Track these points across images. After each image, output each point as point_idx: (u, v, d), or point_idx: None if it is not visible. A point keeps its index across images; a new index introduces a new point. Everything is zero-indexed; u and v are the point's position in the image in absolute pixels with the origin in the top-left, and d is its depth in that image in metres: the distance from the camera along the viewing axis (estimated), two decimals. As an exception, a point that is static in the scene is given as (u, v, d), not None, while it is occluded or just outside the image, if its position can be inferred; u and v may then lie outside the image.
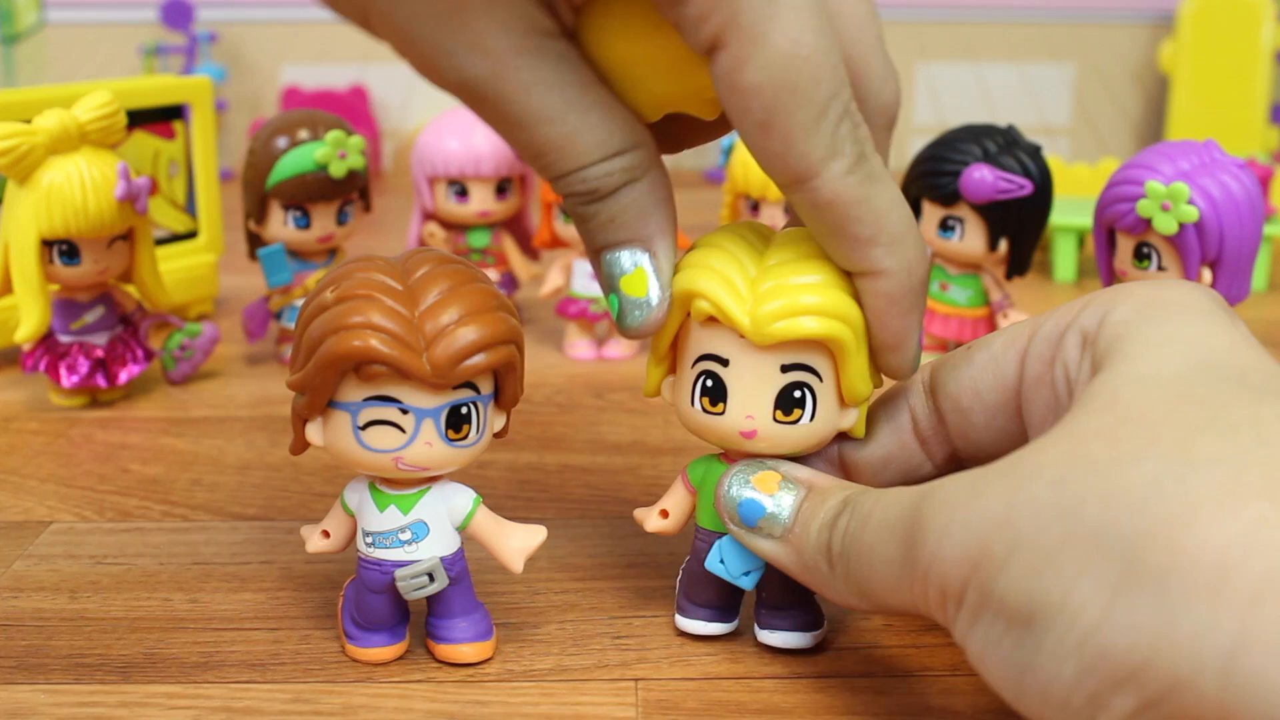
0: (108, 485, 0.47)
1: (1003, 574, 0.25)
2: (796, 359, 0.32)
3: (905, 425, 0.35)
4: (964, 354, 0.34)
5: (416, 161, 0.64)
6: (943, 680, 0.34)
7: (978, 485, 0.27)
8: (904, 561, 0.28)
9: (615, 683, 0.34)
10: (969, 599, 0.26)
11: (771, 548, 0.32)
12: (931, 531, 0.27)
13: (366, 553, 0.34)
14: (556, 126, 0.30)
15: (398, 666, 0.34)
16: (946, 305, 0.59)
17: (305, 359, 0.32)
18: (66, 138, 0.50)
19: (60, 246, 0.52)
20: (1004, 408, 0.32)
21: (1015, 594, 0.25)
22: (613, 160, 0.31)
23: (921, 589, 0.28)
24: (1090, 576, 0.24)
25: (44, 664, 0.34)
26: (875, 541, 0.29)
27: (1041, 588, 0.24)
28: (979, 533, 0.26)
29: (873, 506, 0.30)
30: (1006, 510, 0.25)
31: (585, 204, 0.32)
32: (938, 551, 0.27)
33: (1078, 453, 0.25)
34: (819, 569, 0.31)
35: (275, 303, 0.59)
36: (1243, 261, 0.46)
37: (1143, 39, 1.20)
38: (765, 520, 0.32)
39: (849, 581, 0.30)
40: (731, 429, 0.33)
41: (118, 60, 1.14)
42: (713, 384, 0.33)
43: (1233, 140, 1.01)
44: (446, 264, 0.32)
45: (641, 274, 0.32)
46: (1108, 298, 0.30)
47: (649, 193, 0.32)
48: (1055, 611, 0.24)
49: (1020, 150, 0.55)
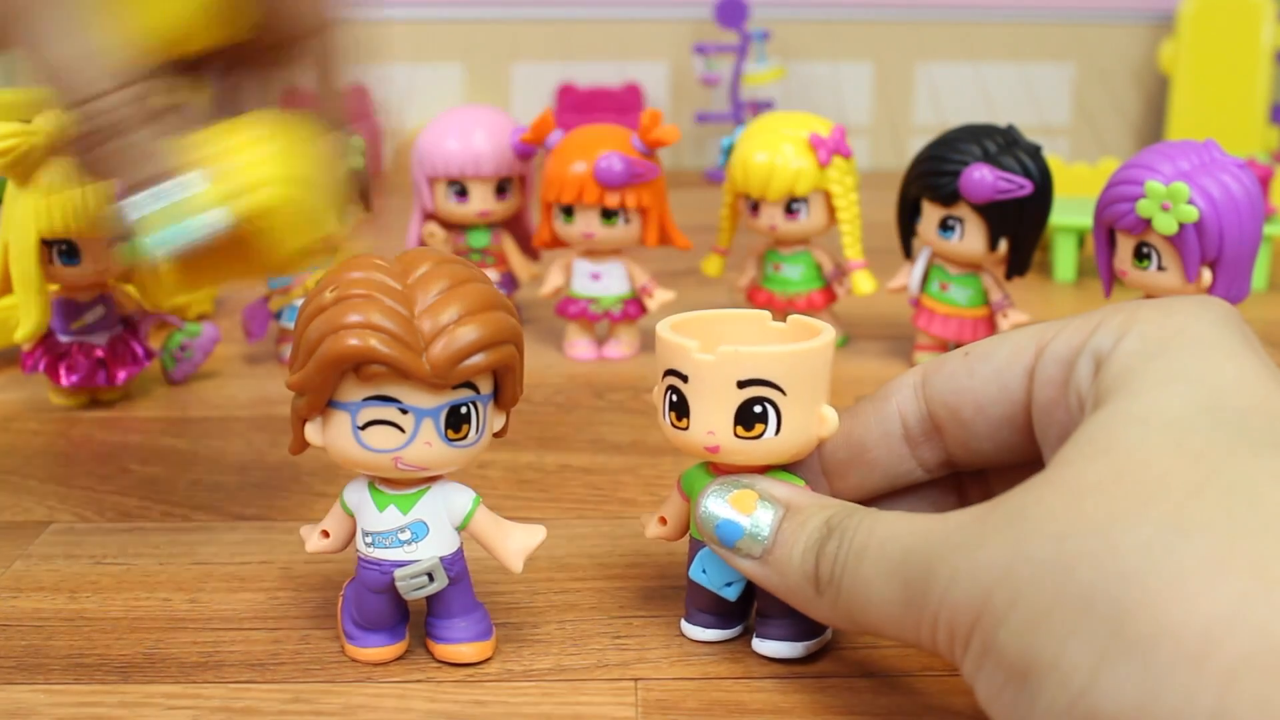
0: (108, 485, 0.47)
1: (1003, 627, 0.25)
2: (754, 373, 0.32)
3: (894, 430, 0.34)
4: (962, 363, 0.33)
5: (416, 161, 0.65)
6: (943, 680, 0.34)
7: (982, 534, 0.27)
8: (908, 602, 0.28)
9: (615, 682, 0.34)
10: (973, 646, 0.26)
11: (752, 567, 0.32)
12: (939, 579, 0.27)
13: (366, 553, 0.34)
14: None
15: (397, 666, 0.34)
16: (946, 305, 0.59)
17: (305, 359, 0.32)
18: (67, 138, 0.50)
19: (60, 246, 0.52)
20: (1009, 423, 0.32)
21: (1013, 648, 0.25)
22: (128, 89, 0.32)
23: (930, 630, 0.28)
24: (1080, 638, 0.24)
25: (43, 664, 0.34)
26: (873, 576, 0.29)
27: (1036, 645, 0.25)
28: (983, 583, 0.26)
29: (867, 539, 0.30)
30: (1008, 564, 0.26)
31: None
32: (946, 598, 0.27)
33: (1076, 508, 0.25)
34: (803, 592, 0.31)
35: (275, 303, 0.59)
36: (1243, 261, 0.46)
37: (1143, 39, 1.20)
38: (744, 541, 0.32)
39: (838, 609, 0.30)
40: (697, 444, 0.33)
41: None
42: (677, 399, 0.33)
43: (1233, 140, 1.01)
44: (446, 264, 0.32)
45: None
46: (1120, 322, 0.29)
47: None
48: (1048, 670, 0.24)
49: (1020, 150, 0.55)
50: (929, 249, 0.58)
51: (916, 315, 0.60)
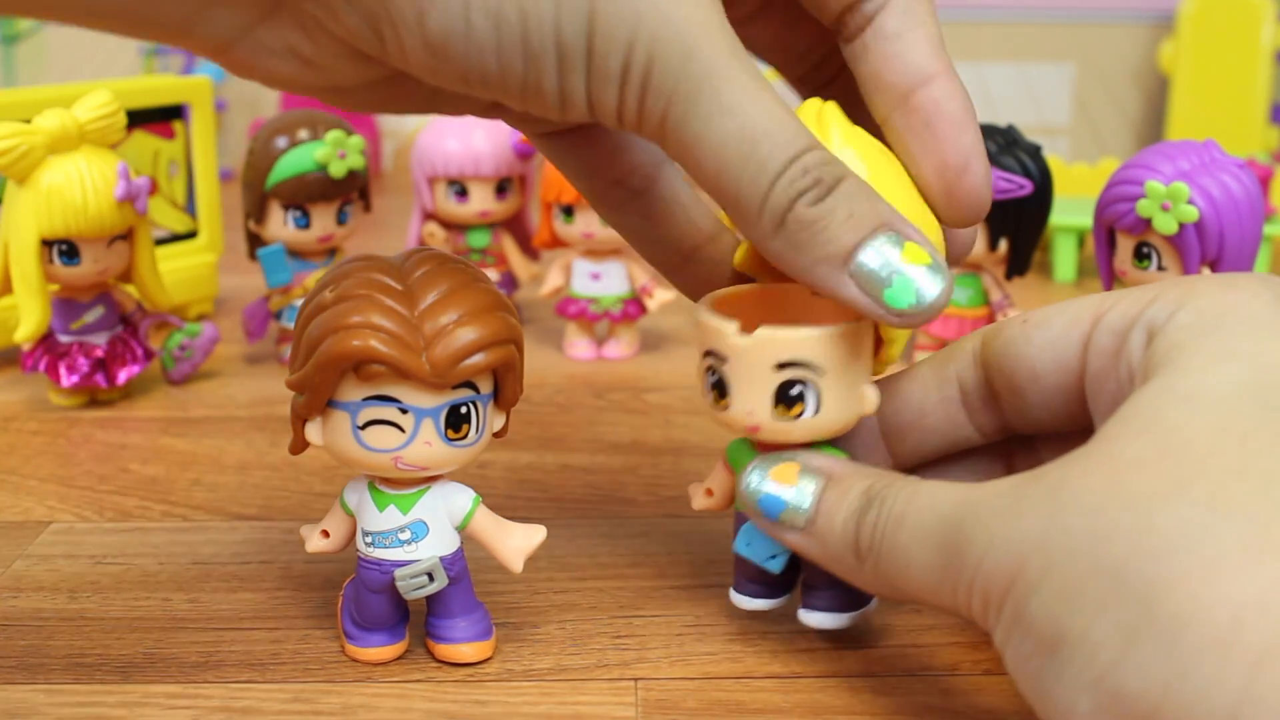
0: (107, 485, 0.47)
1: (1035, 596, 0.25)
2: (791, 355, 0.32)
3: (953, 395, 0.34)
4: (1020, 329, 0.33)
5: (416, 161, 0.65)
6: (943, 680, 0.34)
7: (1020, 503, 0.27)
8: (945, 568, 0.28)
9: (615, 682, 0.34)
10: (1005, 613, 0.26)
11: (796, 538, 0.32)
12: (975, 544, 0.27)
13: (366, 552, 0.34)
14: (762, 109, 0.28)
15: (397, 666, 0.34)
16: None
17: (305, 359, 0.32)
18: (66, 138, 0.50)
19: (60, 246, 0.52)
20: (1062, 391, 0.32)
21: (1043, 618, 0.25)
22: (819, 149, 0.29)
23: (965, 596, 0.27)
24: (1109, 614, 0.24)
25: (44, 664, 0.34)
26: (911, 543, 0.29)
27: (1066, 617, 0.25)
28: (1019, 551, 0.26)
29: (905, 506, 0.30)
30: (1044, 534, 0.26)
31: (815, 201, 0.29)
32: (981, 564, 0.27)
33: (1116, 482, 0.25)
34: (845, 560, 0.31)
35: (275, 303, 0.59)
36: (1243, 261, 0.46)
37: (1143, 39, 1.19)
38: (787, 513, 0.32)
39: (879, 576, 0.30)
40: (738, 423, 0.33)
41: (118, 60, 1.14)
42: (716, 380, 0.33)
43: (1233, 140, 1.01)
44: (446, 264, 0.32)
45: (914, 245, 0.30)
46: (1177, 295, 0.29)
47: (860, 182, 0.30)
48: (1076, 643, 0.24)
49: (1020, 150, 0.55)
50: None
51: (916, 315, 0.60)
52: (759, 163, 0.29)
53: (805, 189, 0.29)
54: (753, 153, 0.28)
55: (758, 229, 0.30)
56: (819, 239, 0.29)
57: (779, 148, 0.29)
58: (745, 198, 0.29)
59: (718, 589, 0.38)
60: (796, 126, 0.29)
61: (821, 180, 0.29)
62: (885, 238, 0.29)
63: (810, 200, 0.29)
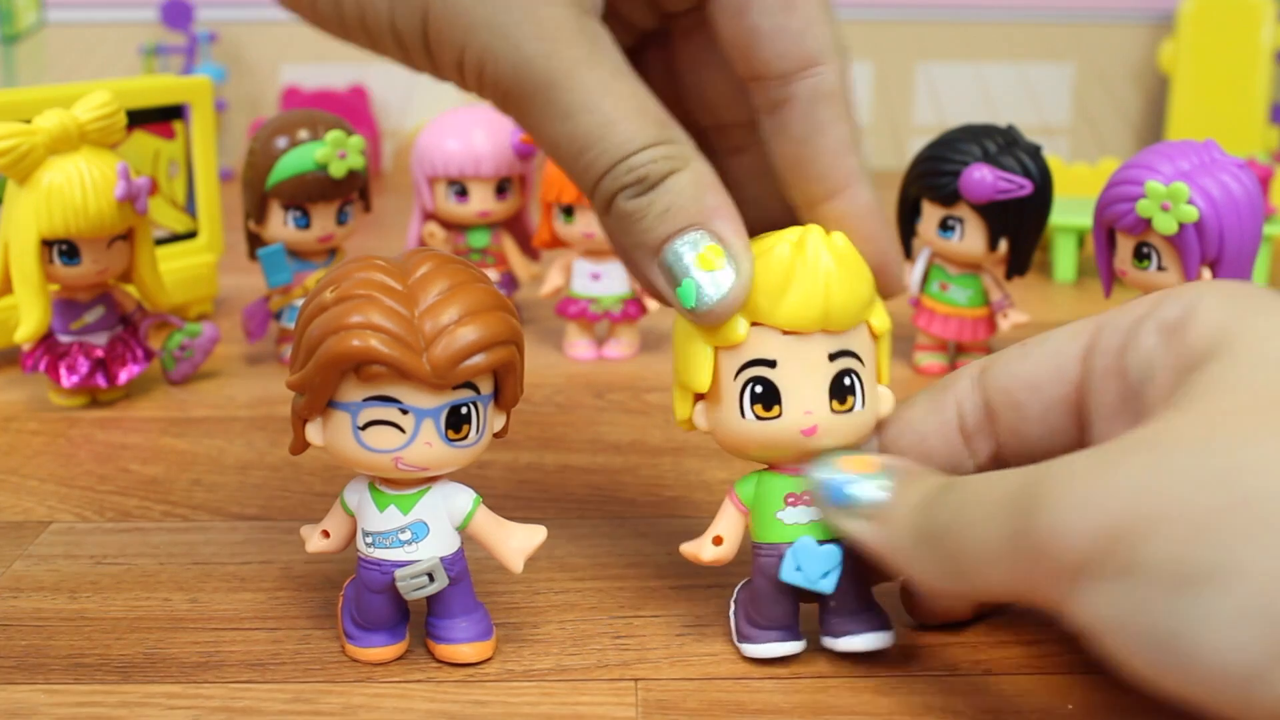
0: (108, 485, 0.47)
1: (1150, 542, 0.25)
2: (841, 345, 0.32)
3: (951, 421, 0.34)
4: (1019, 349, 0.34)
5: (416, 161, 0.64)
6: (943, 680, 0.34)
7: (1105, 461, 0.26)
8: (1012, 536, 0.27)
9: (615, 683, 0.34)
10: (1103, 569, 0.26)
11: (862, 526, 0.32)
12: (1051, 506, 0.27)
13: (366, 553, 0.34)
14: (597, 115, 0.30)
15: (397, 666, 0.34)
16: (946, 305, 0.59)
17: (305, 359, 0.32)
18: (66, 138, 0.50)
19: (60, 246, 0.52)
20: (1060, 403, 0.33)
21: (1170, 560, 0.25)
22: (656, 148, 0.31)
23: (1028, 564, 0.27)
24: (1258, 542, 0.24)
25: (44, 664, 0.34)
26: (977, 518, 0.29)
27: (1201, 554, 0.24)
28: (1117, 504, 0.26)
29: (975, 485, 0.30)
30: (1148, 480, 0.25)
31: (636, 195, 0.31)
32: (1059, 525, 0.26)
33: (1220, 429, 0.25)
34: (908, 547, 0.31)
35: (275, 303, 0.59)
36: (1243, 261, 0.46)
37: (1143, 39, 1.19)
38: (858, 500, 0.32)
39: (941, 559, 0.30)
40: (792, 430, 0.32)
41: (118, 60, 1.14)
42: (763, 389, 0.32)
43: (1233, 140, 1.01)
44: (446, 264, 0.32)
45: (715, 249, 0.31)
46: (1186, 291, 0.30)
47: (697, 179, 0.31)
48: (1227, 576, 0.24)
49: (1020, 150, 0.55)
50: (929, 249, 0.58)
51: (916, 315, 0.60)
52: (585, 164, 0.31)
53: (628, 184, 0.31)
54: (580, 155, 0.31)
55: (594, 208, 0.32)
56: (635, 228, 0.31)
57: (605, 154, 0.31)
58: (579, 185, 0.32)
59: (718, 589, 0.38)
60: (633, 129, 0.30)
61: (646, 177, 0.31)
62: (693, 236, 0.31)
63: (630, 195, 0.31)
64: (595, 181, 0.31)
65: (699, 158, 0.32)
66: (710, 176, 0.32)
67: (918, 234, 0.58)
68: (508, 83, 0.30)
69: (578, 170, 0.31)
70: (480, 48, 0.30)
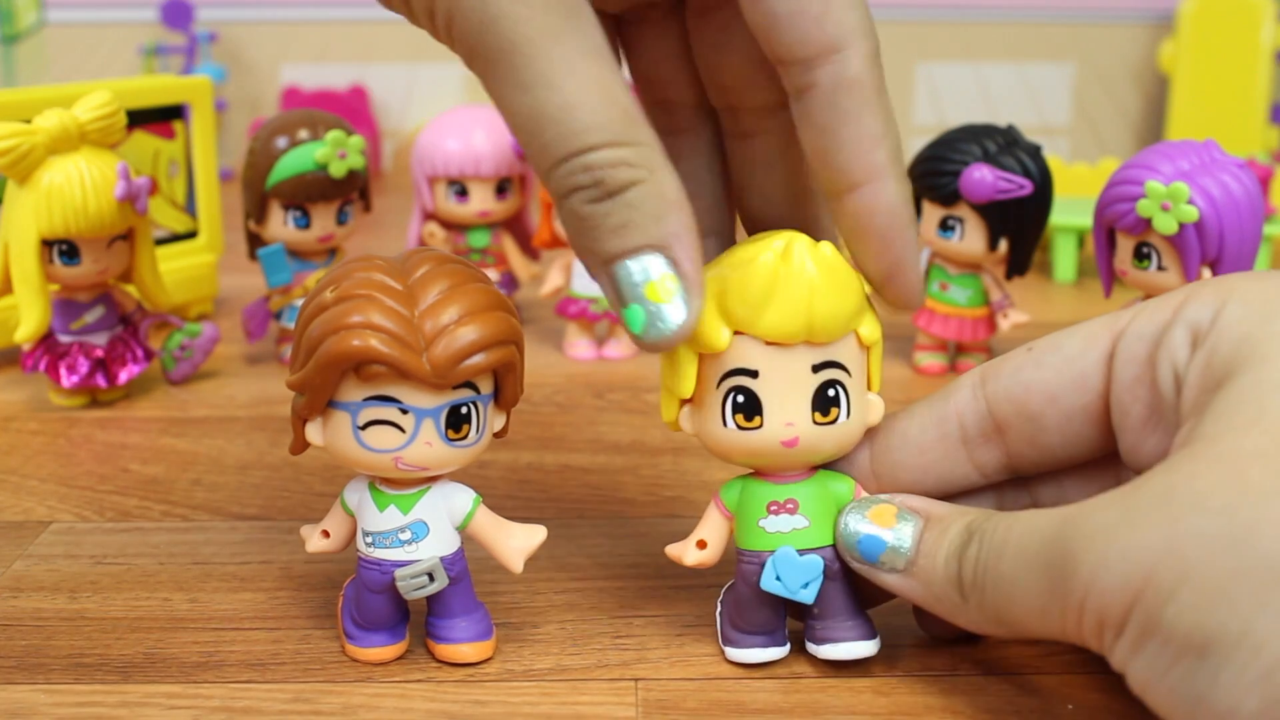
0: (108, 485, 0.47)
1: (1170, 605, 0.25)
2: (825, 357, 0.32)
3: (952, 432, 0.33)
4: (1026, 357, 0.32)
5: (416, 161, 0.65)
6: (943, 680, 0.34)
7: (1132, 515, 0.26)
8: (1052, 592, 0.27)
9: (615, 683, 0.34)
10: (1131, 629, 0.26)
11: (897, 581, 0.32)
12: (1085, 563, 0.26)
13: (366, 553, 0.34)
14: (556, 95, 0.28)
15: (397, 666, 0.34)
16: (946, 305, 0.59)
17: (305, 359, 0.32)
18: (66, 138, 0.50)
19: (60, 246, 0.52)
20: (1082, 412, 0.32)
21: (1185, 625, 0.25)
22: (618, 149, 0.28)
23: (1075, 618, 0.27)
24: (1271, 609, 0.23)
25: (44, 664, 0.34)
26: (1015, 571, 0.28)
27: (1216, 620, 0.24)
28: (1141, 563, 0.25)
29: (1006, 534, 0.29)
30: (1169, 540, 0.25)
31: (591, 201, 0.29)
32: (1094, 583, 0.26)
33: (1239, 478, 0.25)
34: (950, 599, 0.31)
35: (275, 303, 0.59)
36: (1243, 261, 0.46)
37: (1143, 39, 1.19)
38: (887, 554, 0.32)
39: (984, 610, 0.30)
40: (772, 441, 0.32)
41: (118, 60, 1.14)
42: (744, 399, 0.32)
43: (1233, 140, 1.01)
44: (446, 264, 0.32)
45: (668, 279, 0.29)
46: (1212, 293, 0.29)
47: (659, 194, 0.29)
48: (1233, 644, 0.24)
49: (1020, 150, 0.55)
50: (929, 249, 0.58)
51: (916, 315, 0.60)
52: (540, 146, 0.28)
53: (583, 186, 0.29)
54: (536, 135, 0.28)
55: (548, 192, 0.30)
56: (587, 235, 0.29)
57: (562, 138, 0.28)
58: (533, 166, 0.29)
59: (717, 589, 0.38)
60: (594, 119, 0.28)
61: (603, 183, 0.28)
62: (647, 259, 0.29)
63: (585, 199, 0.29)
64: (549, 168, 0.29)
65: (665, 166, 0.29)
66: (675, 192, 0.29)
67: (918, 234, 0.58)
68: (472, 39, 0.28)
69: (533, 150, 0.29)
70: (449, 4, 0.28)
